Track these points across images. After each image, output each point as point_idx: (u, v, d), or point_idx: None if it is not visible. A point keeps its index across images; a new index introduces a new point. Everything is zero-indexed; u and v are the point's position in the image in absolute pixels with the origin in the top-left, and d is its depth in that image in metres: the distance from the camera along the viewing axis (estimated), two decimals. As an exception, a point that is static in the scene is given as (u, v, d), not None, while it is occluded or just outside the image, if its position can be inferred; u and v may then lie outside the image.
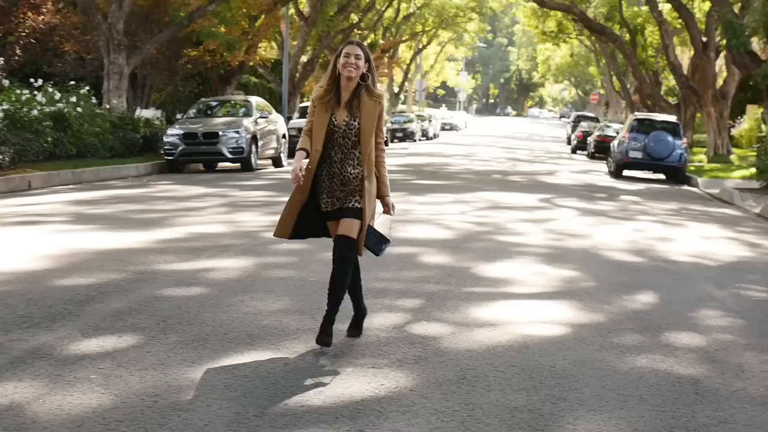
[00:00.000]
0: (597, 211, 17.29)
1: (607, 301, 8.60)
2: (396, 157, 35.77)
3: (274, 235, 6.65)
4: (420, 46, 79.56)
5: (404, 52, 77.73)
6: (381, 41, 62.42)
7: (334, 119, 6.38)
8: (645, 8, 47.98)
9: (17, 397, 5.20)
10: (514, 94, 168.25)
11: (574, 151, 49.16)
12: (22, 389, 5.34)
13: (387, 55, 65.11)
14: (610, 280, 9.77)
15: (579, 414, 5.32)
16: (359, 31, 57.26)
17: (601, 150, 39.83)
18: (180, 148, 25.02)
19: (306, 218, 6.53)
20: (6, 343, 6.30)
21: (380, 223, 6.63)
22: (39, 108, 24.62)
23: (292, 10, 42.37)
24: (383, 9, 60.32)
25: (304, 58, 45.87)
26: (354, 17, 54.04)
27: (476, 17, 74.14)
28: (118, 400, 5.21)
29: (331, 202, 6.47)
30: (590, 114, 70.08)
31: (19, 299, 7.65)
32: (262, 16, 36.58)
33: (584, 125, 51.78)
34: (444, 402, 5.40)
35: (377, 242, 6.58)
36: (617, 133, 35.30)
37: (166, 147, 25.38)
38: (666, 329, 7.53)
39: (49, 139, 22.95)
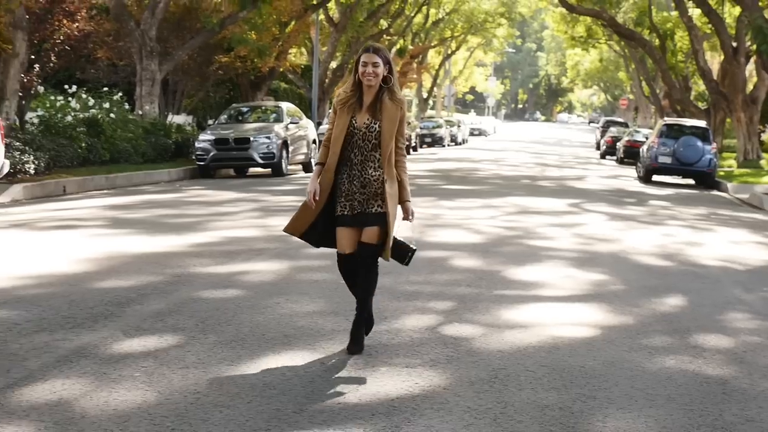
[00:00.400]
0: (626, 216, 17.37)
1: (636, 304, 8.72)
2: (425, 162, 35.94)
3: (283, 230, 6.63)
4: (449, 52, 79.71)
5: (433, 57, 77.87)
6: (410, 47, 62.60)
7: (354, 122, 6.37)
8: (674, 13, 47.91)
9: (65, 394, 5.40)
10: (543, 99, 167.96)
11: (603, 157, 49.12)
12: (69, 386, 5.54)
13: (416, 60, 65.28)
14: (639, 283, 9.89)
15: (609, 412, 5.46)
16: (388, 37, 57.47)
17: (630, 155, 39.83)
18: (211, 154, 25.29)
19: (319, 225, 6.50)
20: (52, 342, 6.51)
21: (403, 229, 6.63)
22: (73, 114, 25.00)
23: (322, 16, 42.64)
24: (412, 15, 60.52)
25: (333, 64, 46.14)
26: (383, 23, 54.24)
27: (505, 23, 74.29)
28: (162, 396, 5.40)
29: (349, 206, 6.39)
30: (619, 119, 69.90)
31: (62, 301, 7.87)
32: (293, 23, 36.86)
33: (613, 130, 51.72)
34: (477, 400, 5.56)
35: (401, 254, 6.57)
36: (646, 138, 35.27)
37: (197, 152, 25.66)
38: (694, 331, 7.65)
39: (83, 144, 23.29)
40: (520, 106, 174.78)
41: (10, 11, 21.15)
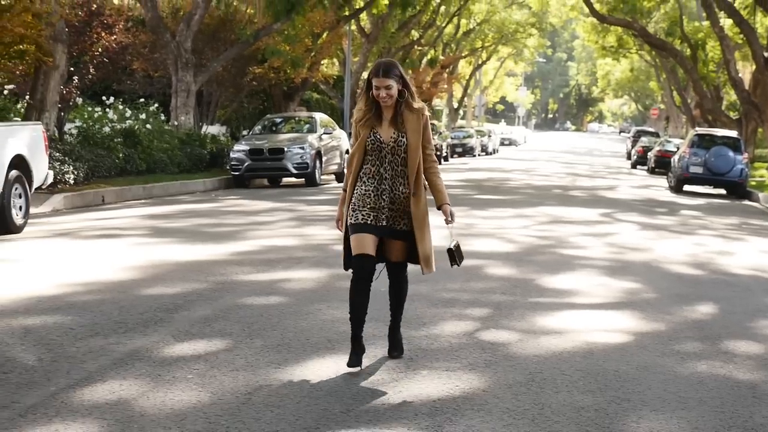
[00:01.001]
0: (657, 225, 17.53)
1: (668, 311, 8.92)
2: (456, 172, 36.17)
3: (345, 270, 6.56)
4: (479, 62, 79.99)
5: (464, 67, 78.17)
6: (441, 57, 62.91)
7: (378, 136, 6.30)
8: (706, 23, 47.90)
9: (124, 394, 5.68)
10: (574, 109, 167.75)
11: (634, 166, 49.14)
12: (127, 387, 5.83)
13: (447, 70, 65.52)
14: (671, 291, 10.08)
15: (642, 414, 5.68)
16: (419, 47, 57.86)
17: (662, 165, 39.89)
18: (246, 164, 25.64)
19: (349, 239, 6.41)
20: (106, 346, 6.81)
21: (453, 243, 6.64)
22: (110, 125, 25.45)
23: (353, 27, 43.00)
24: (443, 25, 60.88)
25: (365, 74, 46.36)
26: (414, 33, 54.62)
27: (536, 33, 74.47)
28: (215, 397, 5.67)
29: (375, 216, 6.31)
30: (650, 129, 69.82)
31: (112, 306, 8.17)
32: (325, 34, 37.20)
33: (644, 140, 51.74)
34: (515, 402, 5.79)
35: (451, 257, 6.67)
36: (678, 148, 35.34)
37: (232, 163, 26.02)
38: (725, 338, 7.85)
39: (121, 155, 23.72)
40: (551, 115, 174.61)
41: (50, 24, 21.55)
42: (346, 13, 38.81)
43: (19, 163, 13.82)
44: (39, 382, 5.86)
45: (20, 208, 13.86)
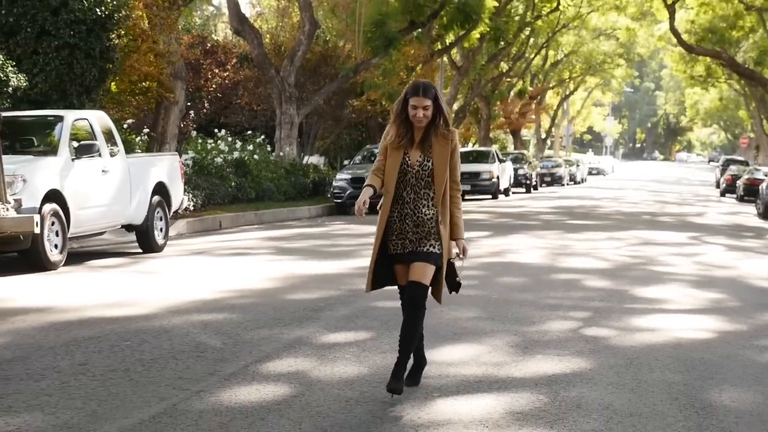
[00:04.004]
0: (744, 247, 18.51)
1: (751, 316, 10.05)
2: (546, 200, 37.29)
3: (366, 291, 6.61)
4: (567, 92, 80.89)
5: (551, 98, 79.19)
6: (529, 88, 64.10)
7: (407, 159, 6.24)
8: (794, 52, 48.37)
9: (299, 367, 7.08)
10: (662, 138, 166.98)
11: (722, 195, 49.61)
12: (300, 362, 7.22)
13: (535, 101, 66.74)
14: (754, 301, 11.19)
15: (723, 387, 6.87)
16: (508, 79, 59.12)
17: (750, 193, 40.43)
18: (348, 192, 27.15)
19: (382, 265, 6.39)
20: (273, 335, 8.23)
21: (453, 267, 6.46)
22: (222, 156, 27.21)
23: (445, 60, 44.46)
24: (532, 57, 62.05)
25: (455, 106, 47.88)
26: (503, 65, 55.92)
27: (624, 63, 75.14)
28: (372, 370, 7.02)
29: (401, 244, 6.28)
30: (739, 158, 69.96)
31: (266, 308, 9.62)
32: (419, 67, 38.70)
33: (733, 168, 52.18)
34: (616, 377, 7.03)
35: (451, 282, 6.47)
36: (767, 176, 35.96)
37: (335, 191, 27.57)
38: (800, 336, 8.98)
39: (233, 183, 25.39)
40: (638, 145, 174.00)
41: (171, 63, 23.37)
42: (439, 47, 40.29)
43: (160, 189, 15.47)
44: (230, 359, 7.28)
45: (161, 229, 15.50)
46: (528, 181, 46.62)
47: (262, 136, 30.75)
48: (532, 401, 6.30)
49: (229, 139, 29.23)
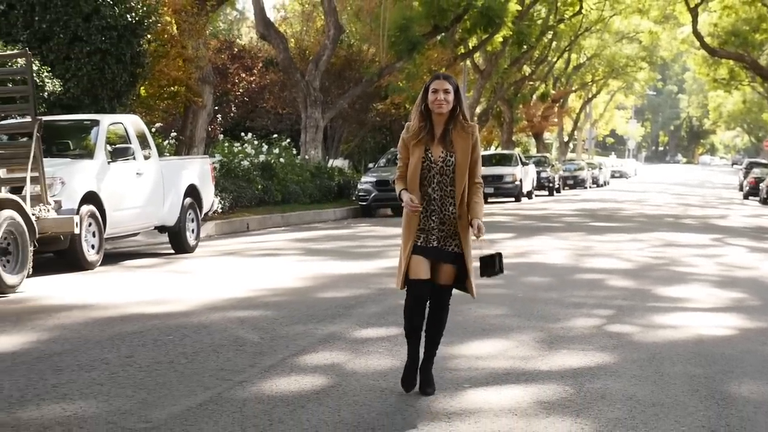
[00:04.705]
0: (766, 249, 18.69)
1: (771, 314, 10.31)
2: (569, 202, 37.51)
3: (399, 288, 6.55)
4: (590, 96, 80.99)
5: (574, 101, 79.29)
6: (552, 91, 64.30)
7: (430, 155, 6.20)
8: (818, 55, 48.39)
9: (334, 360, 7.40)
10: (685, 141, 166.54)
11: (746, 197, 49.65)
12: (335, 356, 7.54)
13: (557, 104, 66.90)
14: (775, 300, 11.43)
15: (743, 380, 7.13)
16: (530, 82, 59.35)
17: (774, 195, 40.54)
18: (373, 194, 27.50)
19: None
20: (307, 330, 8.56)
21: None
22: (249, 159, 27.58)
23: (468, 64, 44.76)
24: (554, 60, 62.23)
25: (478, 109, 48.16)
26: (526, 69, 56.14)
27: (646, 66, 75.16)
28: (404, 364, 7.30)
29: (425, 238, 6.27)
30: (763, 160, 69.79)
31: (299, 305, 9.96)
32: (443, 71, 38.98)
33: (756, 171, 52.15)
34: (639, 370, 7.31)
35: (488, 265, 6.47)
36: (789, 178, 36.06)
37: (359, 193, 27.92)
38: (818, 333, 9.23)
39: (260, 186, 25.76)
40: (661, 148, 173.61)
41: (199, 68, 23.77)
42: (463, 51, 40.61)
43: (192, 191, 15.84)
44: (267, 352, 7.62)
45: (192, 231, 15.88)
46: (551, 184, 46.79)
47: (288, 140, 31.13)
48: (559, 392, 6.59)
49: (256, 142, 29.63)
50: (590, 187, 60.22)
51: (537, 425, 5.79)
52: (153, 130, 27.47)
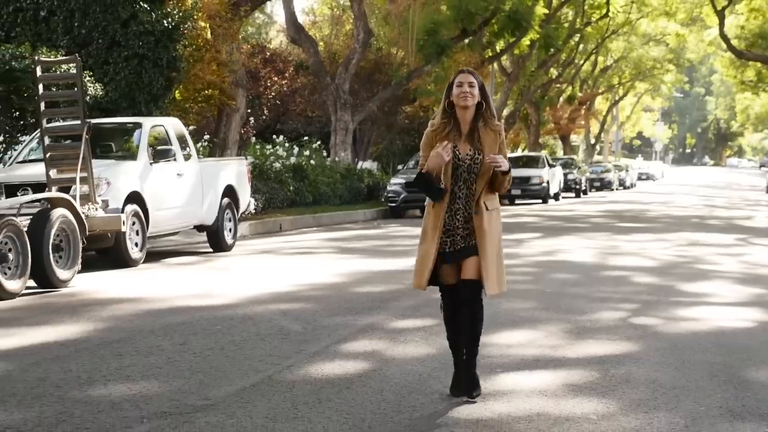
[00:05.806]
0: (790, 248, 19.02)
1: (791, 309, 10.70)
2: (596, 204, 37.86)
3: (414, 287, 6.56)
4: (616, 98, 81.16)
5: (601, 103, 79.50)
6: (579, 94, 64.61)
7: (457, 152, 6.10)
8: None
9: (374, 348, 7.89)
10: (712, 143, 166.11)
11: (772, 199, 49.79)
12: (374, 344, 8.04)
13: (584, 107, 67.17)
14: (796, 296, 11.82)
15: (761, 367, 7.56)
16: (557, 85, 59.69)
17: (800, 197, 40.68)
18: (402, 196, 27.97)
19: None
20: (347, 321, 9.06)
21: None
22: (280, 161, 28.14)
23: (495, 67, 45.19)
24: (581, 63, 62.50)
25: (505, 112, 48.55)
26: (553, 72, 56.48)
27: (673, 68, 75.26)
28: (440, 350, 7.77)
29: (450, 242, 6.19)
30: (791, 162, 69.76)
31: (337, 299, 10.47)
32: (470, 74, 39.43)
33: (783, 173, 52.30)
34: (661, 358, 7.75)
35: None
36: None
37: (389, 195, 28.41)
38: (835, 325, 9.62)
39: (291, 188, 26.31)
40: (688, 150, 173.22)
41: (233, 71, 24.34)
42: (490, 54, 41.04)
43: (229, 192, 16.39)
44: (311, 341, 8.12)
45: (230, 230, 16.43)
46: (577, 186, 47.12)
47: (318, 142, 31.68)
48: (585, 376, 7.05)
49: (286, 144, 30.20)
50: (617, 189, 60.45)
51: (565, 405, 6.25)
52: (187, 132, 28.23)
